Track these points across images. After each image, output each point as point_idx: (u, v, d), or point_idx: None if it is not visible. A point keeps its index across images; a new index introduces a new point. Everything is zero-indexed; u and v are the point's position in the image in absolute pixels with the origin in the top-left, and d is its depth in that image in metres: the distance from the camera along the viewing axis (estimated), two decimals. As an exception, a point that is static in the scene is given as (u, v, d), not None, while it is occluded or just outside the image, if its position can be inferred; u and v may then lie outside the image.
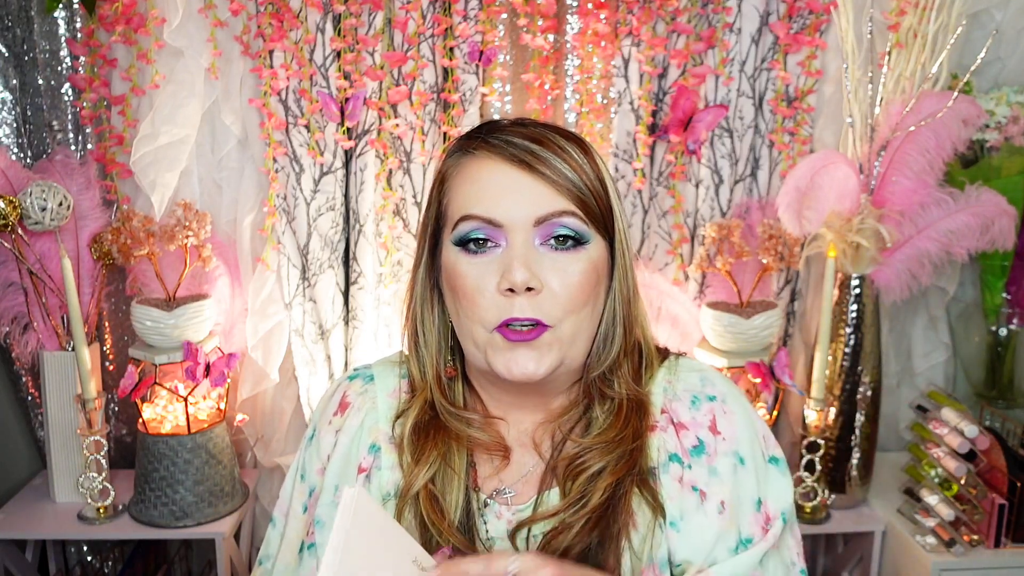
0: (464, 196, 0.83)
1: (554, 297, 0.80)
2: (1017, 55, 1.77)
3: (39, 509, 1.69)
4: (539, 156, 0.80)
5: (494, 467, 0.89)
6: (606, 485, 0.81)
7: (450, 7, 1.64)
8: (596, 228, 0.83)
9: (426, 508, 0.84)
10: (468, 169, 0.84)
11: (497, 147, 0.82)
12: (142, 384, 1.62)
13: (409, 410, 0.90)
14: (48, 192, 1.53)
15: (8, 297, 1.66)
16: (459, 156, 0.86)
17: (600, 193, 0.83)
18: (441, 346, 0.90)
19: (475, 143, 0.84)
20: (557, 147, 0.82)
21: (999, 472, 1.55)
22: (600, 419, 0.85)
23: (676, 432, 0.85)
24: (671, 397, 0.87)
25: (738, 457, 0.84)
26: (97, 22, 1.64)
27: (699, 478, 0.83)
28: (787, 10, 1.67)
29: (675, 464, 0.84)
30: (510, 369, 0.80)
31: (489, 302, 0.80)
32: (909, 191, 1.60)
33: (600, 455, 0.83)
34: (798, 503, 1.67)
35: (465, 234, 0.82)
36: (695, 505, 0.82)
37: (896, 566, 1.66)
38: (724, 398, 0.87)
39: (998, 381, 1.83)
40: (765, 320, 1.65)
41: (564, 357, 0.82)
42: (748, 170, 1.75)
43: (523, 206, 0.80)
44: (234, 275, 1.76)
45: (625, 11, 1.66)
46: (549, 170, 0.80)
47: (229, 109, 1.68)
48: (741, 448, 0.85)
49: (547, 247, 0.81)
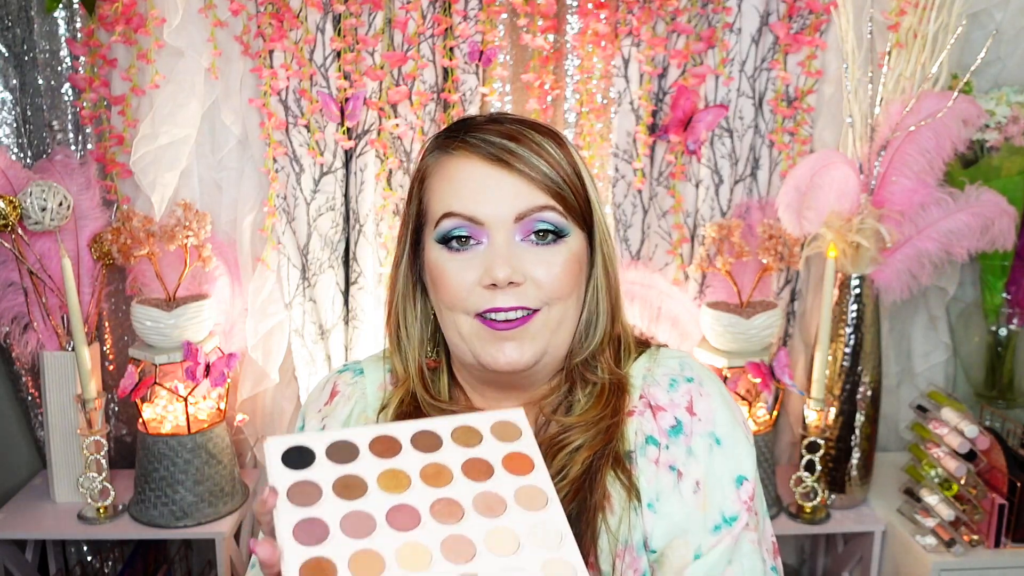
0: (444, 194, 0.84)
1: (539, 287, 0.83)
2: (1017, 55, 1.77)
3: (39, 509, 1.69)
4: (516, 153, 0.82)
5: None
6: (584, 459, 0.83)
7: (450, 7, 1.64)
8: (575, 221, 0.85)
9: None
10: (447, 168, 0.85)
11: (475, 145, 0.83)
12: (142, 384, 1.62)
13: (391, 403, 0.92)
14: (48, 192, 1.54)
15: (8, 297, 1.66)
16: (438, 155, 0.87)
17: (577, 186, 0.85)
18: (423, 339, 0.92)
19: (453, 142, 0.86)
20: (533, 143, 0.83)
21: (999, 472, 1.55)
22: (582, 401, 0.88)
23: (653, 414, 0.86)
24: (650, 383, 0.89)
25: (714, 437, 0.85)
26: (97, 22, 1.64)
27: (677, 458, 0.84)
28: (787, 10, 1.67)
29: (651, 446, 0.85)
30: (496, 359, 0.83)
31: (473, 294, 0.83)
32: (909, 191, 1.60)
33: (580, 432, 0.85)
34: (799, 503, 1.68)
35: (447, 232, 0.83)
36: (671, 485, 0.83)
37: (896, 566, 1.66)
38: (701, 380, 0.88)
39: (998, 381, 1.83)
40: (765, 320, 1.65)
41: (548, 346, 0.84)
42: (748, 170, 1.75)
43: (503, 203, 0.82)
44: (234, 275, 1.76)
45: (625, 11, 1.66)
46: (526, 166, 0.82)
47: (229, 109, 1.68)
48: (718, 428, 0.86)
49: (528, 242, 0.83)
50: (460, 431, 0.75)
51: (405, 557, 0.66)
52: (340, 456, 0.71)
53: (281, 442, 0.72)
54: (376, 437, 0.73)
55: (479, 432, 0.75)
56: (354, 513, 0.68)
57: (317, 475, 0.70)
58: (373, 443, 0.73)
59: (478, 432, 0.75)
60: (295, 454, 0.71)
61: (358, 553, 0.66)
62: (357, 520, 0.68)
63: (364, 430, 0.74)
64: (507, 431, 0.76)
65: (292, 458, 0.71)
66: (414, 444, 0.73)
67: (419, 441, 0.74)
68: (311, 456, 0.71)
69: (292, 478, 0.69)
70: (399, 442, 0.73)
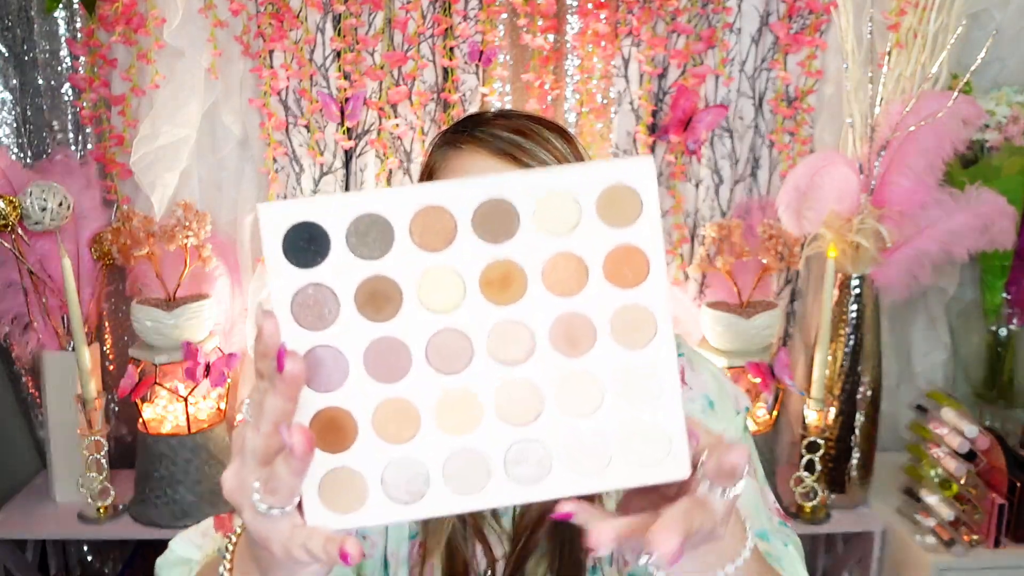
0: None
1: None
2: (1017, 55, 1.77)
3: (39, 509, 1.69)
4: (524, 148, 0.82)
5: None
6: None
7: (450, 7, 1.64)
8: None
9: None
10: (456, 163, 0.85)
11: (483, 140, 0.83)
12: (142, 384, 1.62)
13: None
14: (48, 192, 1.54)
15: (8, 297, 1.66)
16: (446, 150, 0.87)
17: None
18: None
19: (461, 137, 0.85)
20: (541, 138, 0.83)
21: (999, 472, 1.55)
22: None
23: None
24: None
25: (707, 400, 0.86)
26: (97, 22, 1.64)
27: None
28: (787, 10, 1.67)
29: None
30: None
31: None
32: (909, 191, 1.60)
33: None
34: (799, 503, 1.68)
35: None
36: None
37: (896, 566, 1.66)
38: (691, 357, 0.89)
39: (998, 381, 1.83)
40: (765, 320, 1.65)
41: None
42: (748, 170, 1.75)
43: None
44: (234, 275, 1.76)
45: (625, 11, 1.66)
46: (535, 161, 0.82)
47: (229, 109, 1.68)
48: (709, 392, 0.86)
49: None
50: (548, 202, 0.49)
51: (446, 412, 0.49)
52: (367, 242, 0.48)
53: (281, 214, 0.48)
54: (421, 210, 0.48)
55: (576, 204, 0.49)
56: (384, 343, 0.49)
57: (333, 275, 0.48)
58: (417, 220, 0.49)
59: (575, 204, 0.49)
60: (301, 237, 0.48)
61: (386, 404, 0.49)
62: (387, 353, 0.49)
63: (404, 195, 0.49)
64: (621, 203, 0.49)
65: (297, 244, 0.48)
66: (477, 224, 0.49)
67: (485, 218, 0.49)
68: (324, 242, 0.48)
69: (296, 281, 0.48)
70: (454, 220, 0.49)
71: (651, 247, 0.49)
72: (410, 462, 0.49)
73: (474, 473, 0.49)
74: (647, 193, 0.49)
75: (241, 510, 0.51)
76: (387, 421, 0.49)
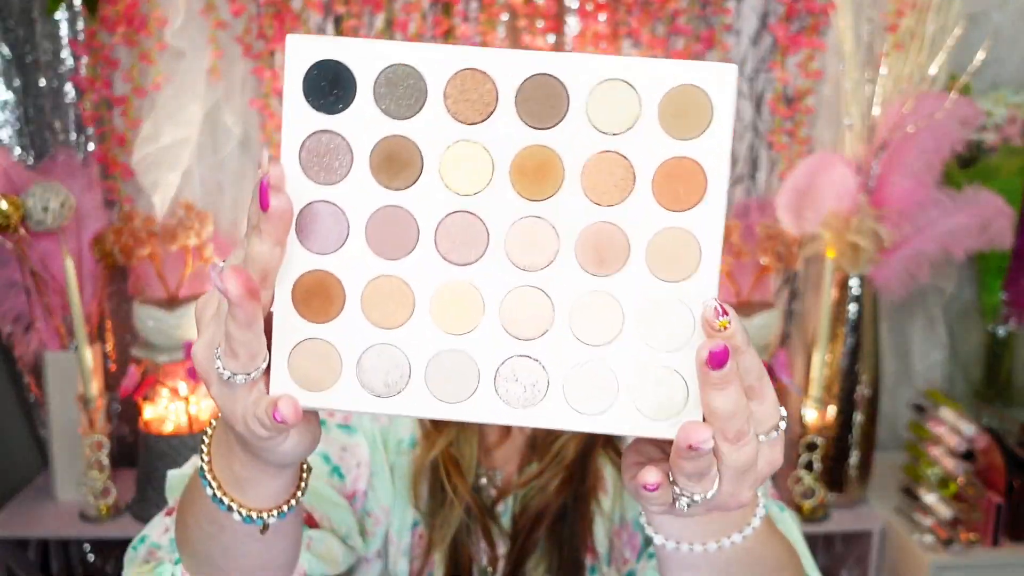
0: None
1: None
2: (1015, 56, 1.78)
3: (41, 508, 1.69)
4: None
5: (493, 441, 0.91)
6: (578, 442, 0.84)
7: (450, 8, 1.65)
8: None
9: (446, 466, 0.83)
10: None
11: None
12: (144, 384, 1.62)
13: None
14: (50, 192, 1.54)
15: (10, 297, 1.66)
16: None
17: None
18: None
19: None
20: None
21: (997, 471, 1.56)
22: None
23: None
24: None
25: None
26: (99, 23, 1.65)
27: None
28: (786, 11, 1.68)
29: None
30: None
31: None
32: (907, 191, 1.60)
33: None
34: (797, 502, 1.68)
35: None
36: None
37: (894, 565, 1.67)
38: None
39: (996, 381, 1.83)
40: (764, 320, 1.65)
41: None
42: (747, 171, 1.76)
43: None
44: (235, 275, 1.76)
45: (625, 12, 1.67)
46: None
47: (230, 110, 1.69)
48: None
49: None
50: (605, 92, 0.42)
51: (444, 304, 0.43)
52: (395, 96, 0.43)
53: (308, 48, 0.42)
54: (461, 72, 0.42)
55: (637, 99, 0.42)
56: (391, 212, 0.43)
57: (351, 126, 0.43)
58: (454, 82, 0.42)
59: (635, 99, 0.42)
60: (326, 77, 0.42)
61: (380, 280, 0.43)
62: (393, 224, 0.43)
63: (447, 52, 0.42)
64: (689, 109, 0.42)
65: (319, 85, 0.43)
66: (520, 101, 0.42)
67: (530, 95, 0.42)
68: (350, 87, 0.43)
69: (311, 124, 0.43)
70: (495, 91, 0.42)
71: (714, 166, 0.42)
72: (393, 351, 0.44)
73: (459, 379, 0.44)
74: (723, 103, 0.41)
75: (209, 383, 0.46)
76: (378, 299, 0.44)
